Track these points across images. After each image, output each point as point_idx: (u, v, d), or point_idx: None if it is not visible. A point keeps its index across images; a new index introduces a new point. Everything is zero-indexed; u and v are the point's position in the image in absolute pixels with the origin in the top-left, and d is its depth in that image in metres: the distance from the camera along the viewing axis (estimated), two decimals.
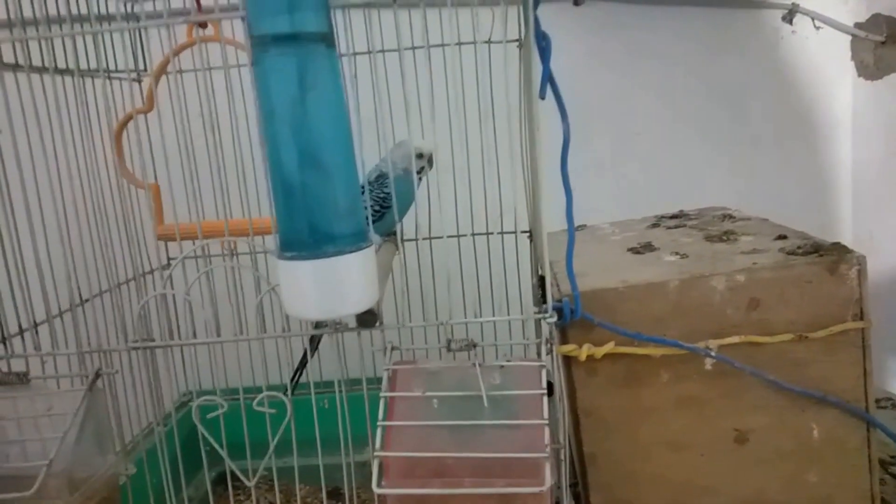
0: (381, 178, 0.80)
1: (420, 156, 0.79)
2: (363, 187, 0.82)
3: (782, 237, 0.63)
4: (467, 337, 0.54)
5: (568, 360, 0.57)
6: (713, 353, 0.54)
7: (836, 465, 0.57)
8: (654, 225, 0.79)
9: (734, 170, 1.35)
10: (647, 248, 0.68)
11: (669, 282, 0.56)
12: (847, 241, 1.39)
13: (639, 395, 0.58)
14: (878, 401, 0.93)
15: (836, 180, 1.41)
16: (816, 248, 0.57)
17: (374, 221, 0.80)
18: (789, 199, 1.36)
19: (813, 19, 1.39)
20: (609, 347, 0.55)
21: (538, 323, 0.56)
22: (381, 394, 0.52)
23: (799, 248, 0.58)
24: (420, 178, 0.81)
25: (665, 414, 0.58)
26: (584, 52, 1.26)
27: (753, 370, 0.55)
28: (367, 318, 0.53)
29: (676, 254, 0.64)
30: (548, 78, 0.53)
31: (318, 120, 0.44)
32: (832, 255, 0.55)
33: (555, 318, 0.53)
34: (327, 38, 0.45)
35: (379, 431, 0.50)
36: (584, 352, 0.55)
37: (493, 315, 0.55)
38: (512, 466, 0.49)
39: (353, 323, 0.54)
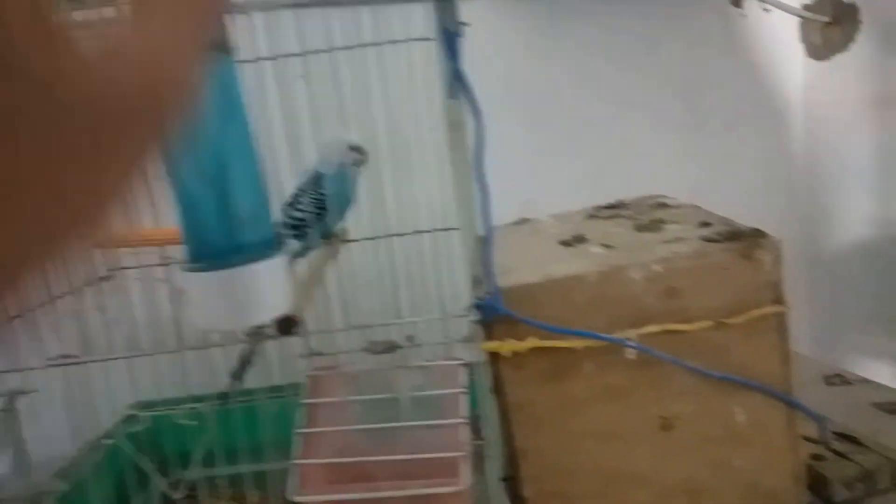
0: (316, 179, 0.80)
1: (354, 149, 0.79)
2: (301, 191, 0.81)
3: (706, 224, 0.64)
4: (407, 338, 0.54)
5: (495, 357, 0.58)
6: (630, 343, 0.55)
7: (760, 449, 0.58)
8: (591, 216, 0.80)
9: (687, 156, 1.34)
10: (578, 240, 0.68)
11: (589, 274, 0.56)
12: (799, 222, 1.40)
13: (566, 387, 0.58)
14: (827, 378, 0.96)
15: (790, 162, 1.40)
16: (735, 235, 0.57)
17: (312, 224, 0.79)
18: (743, 182, 1.35)
19: (761, 2, 1.39)
20: (531, 342, 0.56)
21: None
22: (301, 400, 0.52)
23: (718, 234, 0.58)
24: (359, 171, 0.81)
25: (592, 405, 0.58)
26: (531, 44, 1.25)
27: (673, 358, 0.55)
28: (288, 325, 0.53)
29: (603, 245, 0.64)
30: (456, 74, 0.53)
31: (212, 129, 0.44)
32: (748, 242, 0.55)
33: (474, 317, 0.53)
34: (220, 45, 0.45)
35: (298, 439, 0.50)
36: (509, 347, 0.56)
37: (421, 315, 0.55)
38: (432, 466, 0.49)
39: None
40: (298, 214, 0.79)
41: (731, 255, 0.55)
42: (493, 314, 0.54)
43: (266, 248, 0.46)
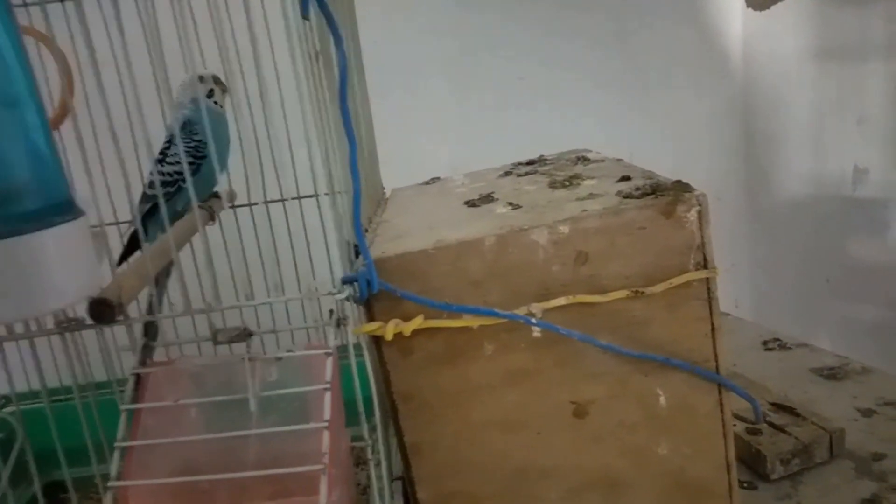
0: (187, 126, 0.69)
1: (206, 80, 0.68)
2: (169, 142, 0.70)
3: (625, 178, 0.55)
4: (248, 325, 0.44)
5: (378, 340, 0.48)
6: (535, 321, 0.46)
7: (687, 434, 0.51)
8: (507, 173, 0.71)
9: (624, 113, 1.29)
10: (486, 199, 0.59)
11: (485, 238, 0.47)
12: (737, 180, 1.36)
13: (463, 372, 0.49)
14: (765, 342, 0.92)
15: (729, 117, 1.35)
16: (655, 189, 0.49)
17: (188, 179, 0.69)
18: (682, 139, 1.30)
19: None
20: (418, 322, 0.47)
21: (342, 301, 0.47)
22: (122, 406, 0.42)
23: (637, 189, 0.50)
24: (219, 106, 0.70)
25: (494, 391, 0.50)
26: None
27: (584, 336, 0.47)
28: (103, 311, 0.43)
29: (510, 205, 0.55)
30: None
31: None
32: (669, 197, 0.47)
33: (345, 294, 0.44)
34: None
35: (117, 455, 0.40)
36: (391, 329, 0.47)
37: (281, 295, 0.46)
38: (287, 482, 0.40)
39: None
40: (169, 169, 0.68)
41: (649, 213, 0.47)
42: (367, 290, 0.45)
43: (52, 213, 0.36)
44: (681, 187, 0.48)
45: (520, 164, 0.75)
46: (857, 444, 0.66)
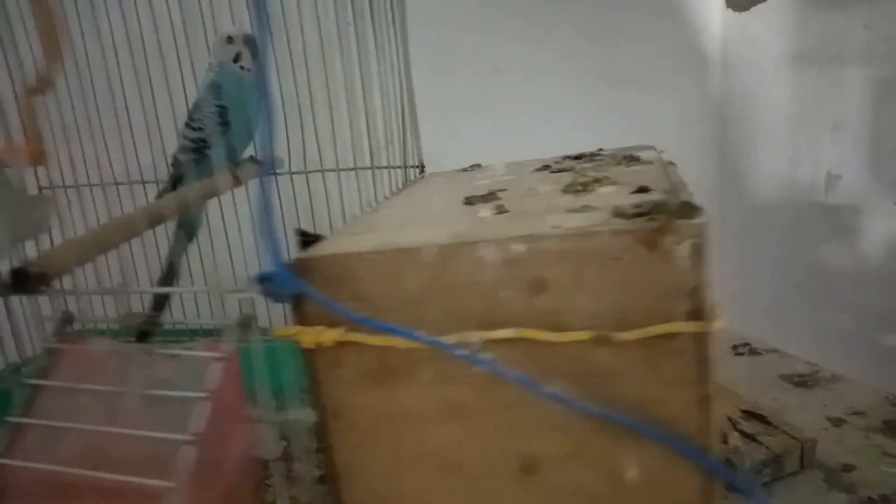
0: (212, 87, 0.67)
1: (230, 40, 0.65)
2: (197, 105, 0.69)
3: (642, 190, 0.45)
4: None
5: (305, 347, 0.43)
6: (463, 352, 0.38)
7: None
8: (545, 167, 0.61)
9: (599, 109, 1.24)
10: (487, 198, 0.51)
11: (425, 249, 0.40)
12: (711, 182, 1.31)
13: (396, 396, 0.43)
14: (734, 347, 0.95)
15: (704, 118, 1.31)
16: (653, 209, 0.39)
17: (214, 143, 0.68)
18: (656, 138, 1.27)
19: None
20: (339, 333, 0.41)
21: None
22: (25, 380, 0.40)
23: (637, 206, 0.40)
24: (244, 69, 0.68)
25: (431, 423, 0.43)
26: None
27: (521, 377, 0.38)
28: (23, 280, 0.42)
29: (498, 207, 0.47)
30: None
31: None
32: (656, 222, 0.36)
33: (248, 293, 0.39)
34: None
35: (6, 431, 0.39)
36: (311, 337, 0.41)
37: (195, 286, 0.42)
38: (145, 494, 0.36)
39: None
40: (195, 134, 0.67)
41: (626, 240, 0.36)
42: (280, 291, 0.40)
43: None
44: (680, 211, 0.37)
45: (568, 157, 0.65)
46: (827, 455, 0.66)
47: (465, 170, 0.70)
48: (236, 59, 0.67)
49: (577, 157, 0.64)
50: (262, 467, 0.43)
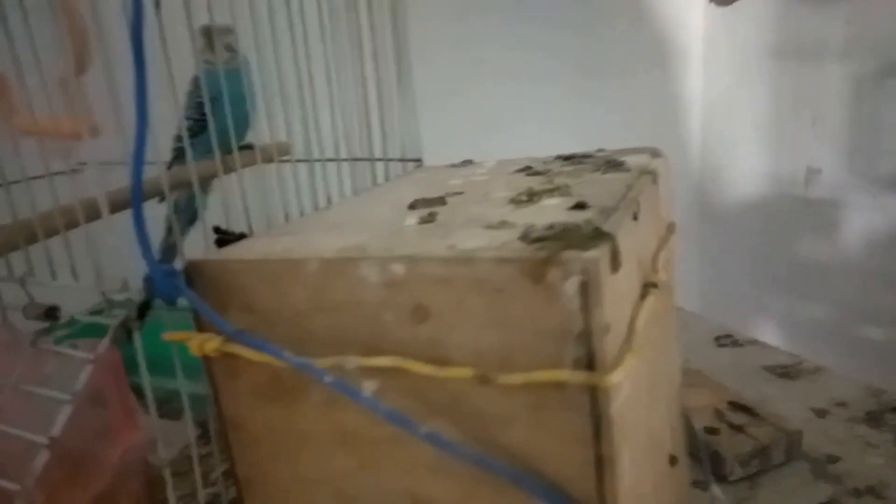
0: (193, 80, 0.67)
1: (204, 31, 0.64)
2: (187, 95, 0.69)
3: (580, 206, 0.39)
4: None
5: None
6: (328, 378, 0.35)
7: None
8: (525, 169, 0.56)
9: (578, 101, 1.21)
10: (432, 203, 0.47)
11: (308, 262, 0.36)
12: (690, 175, 1.32)
13: (290, 415, 0.40)
14: (717, 338, 0.91)
15: (685, 112, 1.29)
16: (557, 235, 0.33)
17: (197, 135, 0.67)
18: (635, 130, 1.19)
19: None
20: (217, 343, 0.38)
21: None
22: None
23: (550, 228, 0.34)
24: (211, 63, 0.66)
25: (324, 448, 0.40)
26: None
27: (390, 412, 0.34)
28: None
29: (430, 216, 0.42)
30: None
31: None
32: (544, 251, 0.31)
33: (130, 295, 0.38)
34: None
35: None
36: (196, 344, 0.39)
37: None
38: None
39: None
40: (186, 123, 0.67)
41: (509, 270, 0.31)
42: (160, 294, 0.38)
43: None
44: (581, 240, 0.32)
45: (560, 157, 0.59)
46: (811, 446, 0.66)
47: (454, 165, 0.65)
48: (206, 52, 0.66)
49: (568, 158, 0.58)
50: (150, 473, 0.41)
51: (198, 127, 0.68)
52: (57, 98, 0.50)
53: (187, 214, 0.70)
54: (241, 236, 0.45)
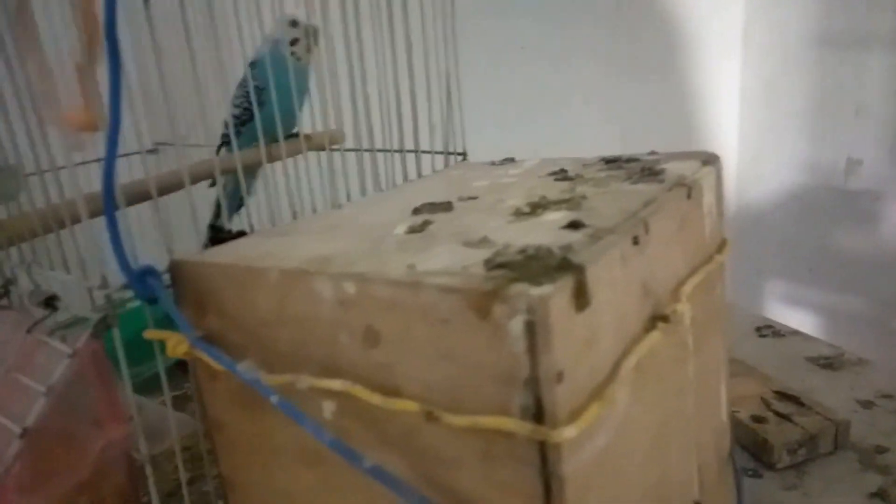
0: (252, 66, 0.67)
1: (294, 24, 0.64)
2: (239, 84, 0.69)
3: (574, 226, 0.34)
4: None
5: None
6: (273, 398, 0.33)
7: None
8: (557, 173, 0.51)
9: (618, 92, 1.19)
10: (436, 208, 0.44)
11: (269, 272, 0.35)
12: (730, 162, 1.29)
13: (262, 425, 0.39)
14: (758, 329, 0.90)
15: (725, 98, 1.27)
16: (516, 264, 0.29)
17: (245, 124, 0.68)
18: (675, 121, 1.23)
19: None
20: (186, 347, 0.37)
21: None
22: None
23: (521, 252, 0.30)
24: (298, 57, 0.66)
25: (291, 462, 0.38)
26: None
27: (332, 441, 0.31)
28: None
29: (423, 225, 0.40)
30: None
31: None
32: (492, 282, 0.27)
33: (110, 291, 0.38)
34: None
35: None
36: (171, 344, 0.38)
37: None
38: None
39: None
40: (234, 111, 0.68)
41: (454, 301, 0.28)
42: (137, 294, 0.37)
43: None
44: (536, 270, 0.27)
45: (604, 159, 0.53)
46: (859, 437, 0.65)
47: (493, 164, 0.61)
48: (293, 44, 0.65)
49: (611, 161, 0.52)
50: (135, 468, 0.42)
51: (247, 115, 0.68)
52: (72, 87, 0.51)
53: (234, 200, 0.70)
54: (240, 234, 0.44)
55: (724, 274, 0.49)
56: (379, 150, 0.70)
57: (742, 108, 1.33)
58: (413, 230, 0.38)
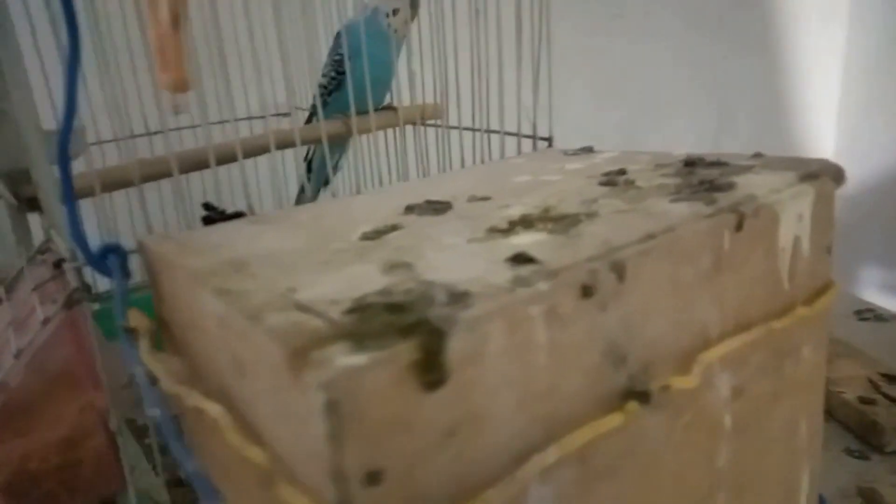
0: (338, 36, 0.64)
1: None
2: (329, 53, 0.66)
3: (521, 260, 0.26)
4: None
5: None
6: (151, 410, 0.29)
7: None
8: (607, 175, 0.41)
9: (717, 57, 1.13)
10: (423, 210, 0.37)
11: (180, 269, 0.31)
12: (829, 140, 1.30)
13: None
14: (858, 312, 0.86)
15: (826, 71, 1.19)
16: (381, 311, 0.22)
17: (332, 94, 0.66)
18: (775, 93, 1.18)
19: None
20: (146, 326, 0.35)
21: None
22: None
23: (407, 293, 0.23)
24: (395, 29, 0.61)
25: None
26: None
27: (194, 473, 0.27)
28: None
29: (388, 228, 0.34)
30: None
31: None
32: (303, 338, 0.21)
33: (73, 264, 0.37)
34: None
35: None
36: (133, 319, 0.37)
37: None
38: None
39: None
40: (321, 80, 0.66)
41: (274, 350, 0.22)
42: (98, 268, 0.36)
43: None
44: (381, 326, 0.20)
45: (683, 161, 0.42)
46: None
47: (566, 152, 0.51)
48: (394, 14, 0.61)
49: (690, 164, 0.40)
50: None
51: (333, 85, 0.65)
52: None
53: (322, 174, 0.69)
54: (236, 215, 0.41)
55: (820, 329, 0.36)
56: (463, 129, 0.63)
57: (844, 83, 1.25)
58: (368, 237, 0.32)
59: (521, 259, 0.26)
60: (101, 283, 0.59)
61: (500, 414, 0.22)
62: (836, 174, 0.36)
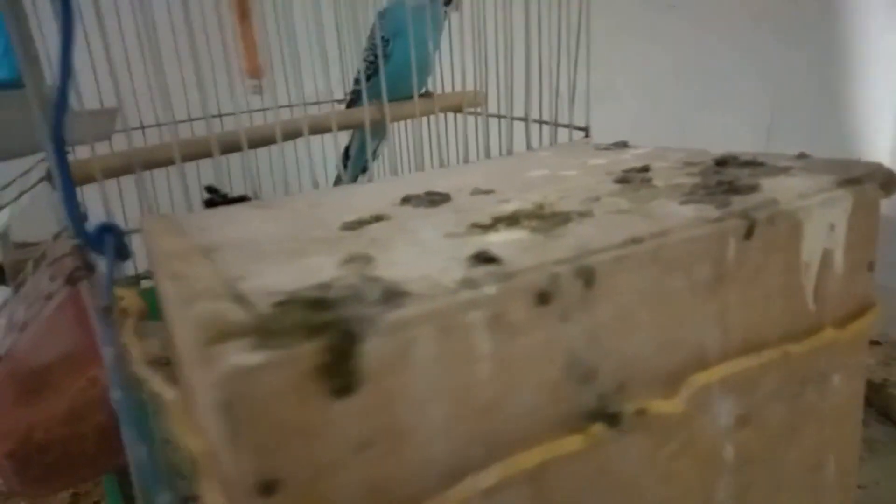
0: (379, 16, 0.63)
1: None
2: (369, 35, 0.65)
3: (484, 259, 0.24)
4: None
5: None
6: (113, 395, 0.29)
7: None
8: (623, 173, 0.38)
9: (772, 43, 1.05)
10: (418, 202, 0.35)
11: (160, 255, 0.31)
12: (887, 135, 1.13)
13: None
14: None
15: (884, 68, 1.06)
16: (301, 307, 0.20)
17: (370, 76, 0.65)
18: (832, 86, 1.06)
19: None
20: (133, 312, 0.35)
21: None
22: None
23: (349, 288, 0.22)
24: (443, 12, 0.60)
25: None
26: None
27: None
28: None
29: (371, 219, 0.32)
30: None
31: None
32: (218, 329, 0.19)
33: (71, 242, 0.38)
34: None
35: None
36: (132, 303, 0.37)
37: None
38: None
39: None
40: (362, 64, 0.65)
41: (194, 337, 0.21)
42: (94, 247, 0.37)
43: None
44: (293, 321, 0.19)
45: (717, 159, 0.38)
46: None
47: (598, 147, 0.48)
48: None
49: (722, 163, 0.36)
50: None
51: (372, 70, 0.64)
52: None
53: (360, 162, 0.68)
54: (240, 199, 0.41)
55: (856, 355, 0.32)
56: (500, 117, 0.61)
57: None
58: (349, 227, 0.31)
59: (481, 258, 0.23)
60: (142, 263, 0.61)
61: (428, 428, 0.20)
62: (885, 180, 0.31)
